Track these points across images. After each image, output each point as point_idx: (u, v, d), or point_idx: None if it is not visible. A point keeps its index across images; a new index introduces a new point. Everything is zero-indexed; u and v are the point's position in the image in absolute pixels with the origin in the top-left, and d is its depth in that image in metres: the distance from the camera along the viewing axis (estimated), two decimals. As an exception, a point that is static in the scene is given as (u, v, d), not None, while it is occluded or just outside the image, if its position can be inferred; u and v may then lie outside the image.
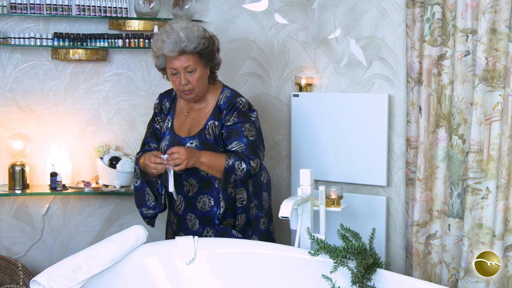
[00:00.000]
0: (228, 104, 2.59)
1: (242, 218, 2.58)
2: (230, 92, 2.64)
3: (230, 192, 2.51)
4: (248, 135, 2.55)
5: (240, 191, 2.54)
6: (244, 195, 2.55)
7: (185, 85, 2.54)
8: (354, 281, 2.13)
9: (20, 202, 3.41)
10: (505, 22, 2.44)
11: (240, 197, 2.54)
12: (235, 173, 2.47)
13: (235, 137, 2.54)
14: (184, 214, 2.66)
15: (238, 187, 2.52)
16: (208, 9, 3.45)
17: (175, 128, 2.67)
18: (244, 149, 2.52)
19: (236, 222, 2.57)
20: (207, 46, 2.53)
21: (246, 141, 2.53)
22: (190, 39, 2.48)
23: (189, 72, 2.53)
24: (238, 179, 2.49)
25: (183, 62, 2.51)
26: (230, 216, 2.56)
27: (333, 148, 3.05)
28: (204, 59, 2.55)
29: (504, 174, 2.46)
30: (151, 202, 2.65)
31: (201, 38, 2.51)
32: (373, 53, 2.95)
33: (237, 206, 2.55)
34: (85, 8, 3.23)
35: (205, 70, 2.58)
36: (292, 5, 3.17)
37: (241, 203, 2.55)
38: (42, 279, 2.06)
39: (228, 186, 2.49)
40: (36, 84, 3.36)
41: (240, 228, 2.60)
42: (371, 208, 2.97)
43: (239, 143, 2.53)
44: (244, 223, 2.60)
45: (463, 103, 2.59)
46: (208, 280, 2.36)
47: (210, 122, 2.59)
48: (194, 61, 2.52)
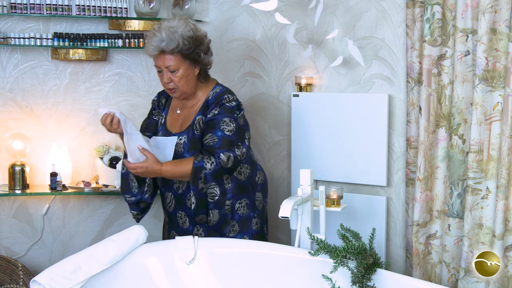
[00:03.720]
0: (215, 100, 2.60)
1: (214, 214, 2.57)
2: (220, 89, 2.65)
3: (201, 188, 2.51)
4: (224, 129, 2.54)
5: (211, 186, 2.53)
6: (216, 191, 2.54)
7: (167, 83, 2.58)
8: (354, 281, 2.13)
9: (20, 202, 3.41)
10: (505, 22, 2.44)
11: (211, 192, 2.54)
12: (205, 167, 2.48)
13: (210, 129, 2.55)
14: (175, 212, 2.67)
15: (209, 182, 2.51)
16: (208, 9, 3.45)
17: (167, 124, 2.70)
18: (216, 142, 2.51)
19: (208, 218, 2.58)
20: (189, 47, 2.53)
21: (220, 134, 2.53)
22: (171, 39, 2.49)
23: (171, 71, 2.55)
24: (209, 173, 2.49)
25: (164, 62, 2.54)
26: (203, 212, 2.56)
27: (333, 148, 3.05)
28: (188, 60, 2.56)
29: (504, 174, 2.46)
30: (135, 189, 2.67)
31: (185, 38, 2.51)
32: (373, 53, 2.95)
33: (208, 202, 2.55)
34: (85, 8, 3.23)
35: (191, 69, 2.58)
36: (292, 5, 3.17)
37: (212, 198, 2.55)
38: (42, 279, 2.06)
39: (199, 182, 2.50)
40: (36, 84, 3.36)
41: (213, 224, 2.59)
42: (371, 208, 2.97)
43: (213, 135, 2.53)
44: (218, 220, 2.59)
45: (463, 103, 2.59)
46: (208, 280, 2.36)
47: (198, 117, 2.61)
48: (176, 61, 2.53)
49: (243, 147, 2.58)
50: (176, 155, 2.59)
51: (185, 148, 2.58)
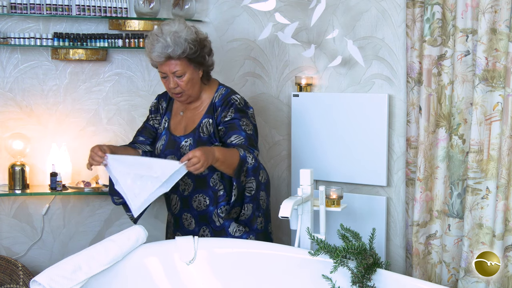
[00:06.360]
0: (223, 101, 2.59)
1: (248, 208, 2.57)
2: (225, 90, 2.65)
3: (242, 180, 2.49)
4: (246, 129, 2.56)
5: (250, 180, 2.53)
6: (253, 185, 2.55)
7: (174, 88, 2.55)
8: (354, 281, 2.13)
9: (20, 202, 3.41)
10: (505, 22, 2.44)
11: (249, 186, 2.54)
12: (247, 161, 2.47)
13: (233, 131, 2.54)
14: (180, 214, 2.66)
15: (249, 176, 2.51)
16: (208, 9, 3.45)
17: (171, 128, 2.69)
18: (243, 141, 2.52)
19: (242, 212, 2.56)
20: (195, 51, 2.52)
21: (245, 134, 2.54)
22: (177, 44, 2.47)
23: (178, 76, 2.53)
24: (250, 167, 2.49)
25: (171, 67, 2.51)
26: (238, 205, 2.54)
27: (333, 148, 3.05)
28: (194, 63, 2.55)
29: (504, 174, 2.46)
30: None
31: (190, 43, 2.50)
32: (373, 53, 2.95)
33: (245, 195, 2.54)
34: (85, 8, 3.23)
35: (196, 73, 2.58)
36: (292, 5, 3.17)
37: (249, 192, 2.54)
38: (42, 279, 2.06)
39: (241, 174, 2.48)
40: (36, 84, 3.36)
41: (245, 219, 2.59)
42: (371, 208, 2.97)
43: (239, 136, 2.53)
44: (250, 214, 2.59)
45: (463, 103, 2.59)
46: (208, 280, 2.36)
47: (205, 120, 2.60)
48: (182, 66, 2.52)
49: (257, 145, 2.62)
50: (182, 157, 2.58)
51: None
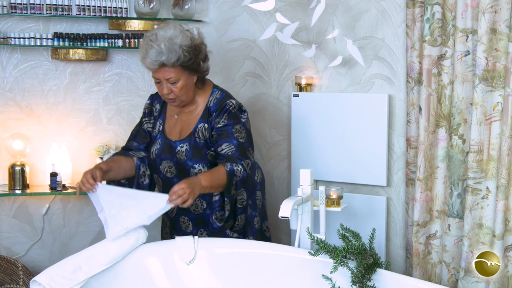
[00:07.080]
0: (218, 106, 2.56)
1: (241, 218, 2.59)
2: (220, 94, 2.61)
3: (232, 194, 2.51)
4: (238, 137, 2.53)
5: (241, 192, 2.53)
6: (244, 196, 2.55)
7: (168, 94, 2.52)
8: (354, 281, 2.13)
9: (20, 202, 3.41)
10: (505, 22, 2.44)
11: (240, 198, 2.54)
12: (235, 174, 2.46)
13: (225, 138, 2.52)
14: (177, 217, 2.66)
15: (239, 188, 2.51)
16: (208, 9, 3.45)
17: (166, 131, 2.66)
18: (234, 151, 2.50)
19: (236, 223, 2.58)
20: (190, 58, 2.47)
21: (236, 142, 2.51)
22: (172, 51, 2.42)
23: (172, 83, 2.50)
24: (239, 180, 2.49)
25: (164, 74, 2.48)
26: (231, 218, 2.56)
27: (333, 148, 3.05)
28: (188, 70, 2.51)
29: (504, 174, 2.46)
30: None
31: (184, 49, 2.45)
32: (373, 53, 2.95)
33: (237, 207, 2.55)
34: (85, 8, 3.23)
35: (190, 78, 2.54)
36: (292, 5, 3.17)
37: (241, 204, 2.55)
38: (42, 279, 2.06)
39: (231, 189, 2.49)
40: (36, 84, 3.36)
41: (240, 228, 2.60)
42: (371, 208, 2.97)
43: (229, 144, 2.51)
44: (244, 224, 2.61)
45: (463, 103, 2.59)
46: (208, 280, 2.36)
47: (200, 125, 2.58)
48: (176, 73, 2.48)
49: (252, 151, 2.59)
50: (178, 162, 2.58)
51: (188, 156, 2.56)
